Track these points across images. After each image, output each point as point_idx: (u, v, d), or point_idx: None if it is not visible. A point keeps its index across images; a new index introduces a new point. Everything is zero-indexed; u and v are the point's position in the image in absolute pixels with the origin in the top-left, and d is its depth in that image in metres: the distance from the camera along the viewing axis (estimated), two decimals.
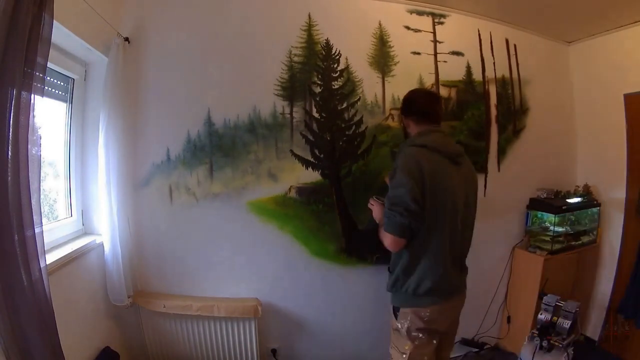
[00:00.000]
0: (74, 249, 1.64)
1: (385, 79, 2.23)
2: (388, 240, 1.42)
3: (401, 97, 2.22)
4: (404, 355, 1.49)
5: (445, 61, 2.33)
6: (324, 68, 2.15)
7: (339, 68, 2.16)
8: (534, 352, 1.96)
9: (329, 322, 2.29)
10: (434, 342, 1.50)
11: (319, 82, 2.15)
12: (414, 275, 1.44)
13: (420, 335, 1.48)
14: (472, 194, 1.58)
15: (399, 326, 1.51)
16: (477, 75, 2.40)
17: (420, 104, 1.60)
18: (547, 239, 2.41)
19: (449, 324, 1.58)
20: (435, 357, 1.54)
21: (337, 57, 2.16)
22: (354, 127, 2.19)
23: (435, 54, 2.31)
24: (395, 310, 1.54)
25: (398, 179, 1.39)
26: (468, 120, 2.38)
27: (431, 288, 1.43)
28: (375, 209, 1.67)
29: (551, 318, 1.98)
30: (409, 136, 1.63)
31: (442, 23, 2.32)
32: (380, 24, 2.21)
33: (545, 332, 1.96)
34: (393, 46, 2.24)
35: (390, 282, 1.54)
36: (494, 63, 2.45)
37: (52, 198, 1.81)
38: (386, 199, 1.45)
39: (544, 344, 1.93)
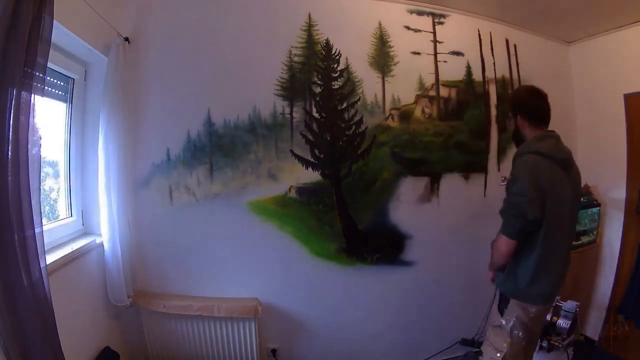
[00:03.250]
0: (74, 249, 1.64)
1: (385, 79, 2.23)
2: (502, 241, 1.47)
3: (401, 97, 2.25)
4: (499, 354, 1.52)
5: (445, 61, 2.33)
6: (324, 68, 2.15)
7: (339, 68, 2.16)
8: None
9: (329, 322, 2.29)
10: (524, 343, 1.54)
11: (319, 82, 2.15)
12: (533, 274, 1.47)
13: (520, 334, 1.51)
14: (577, 201, 1.61)
15: (504, 322, 1.54)
16: (477, 75, 2.40)
17: (535, 102, 1.54)
18: None
19: (540, 326, 1.64)
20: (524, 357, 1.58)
21: (337, 57, 2.16)
22: (354, 127, 2.19)
23: (435, 54, 2.31)
24: (503, 307, 1.57)
25: (520, 187, 1.41)
26: (468, 120, 2.38)
27: (544, 291, 1.50)
28: None
29: (551, 318, 1.98)
30: (521, 138, 1.60)
31: (442, 23, 2.32)
32: (380, 24, 2.21)
33: (545, 332, 1.96)
34: (393, 46, 2.23)
35: (505, 275, 1.56)
36: (494, 63, 2.45)
37: (52, 198, 1.81)
38: (505, 202, 1.48)
39: (544, 344, 1.93)
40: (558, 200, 1.44)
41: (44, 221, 1.47)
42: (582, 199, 2.47)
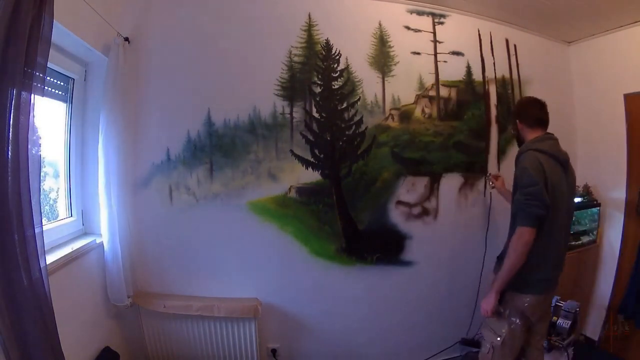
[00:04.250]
0: (74, 249, 1.64)
1: (385, 79, 2.23)
2: (524, 232, 1.50)
3: (401, 97, 2.25)
4: (499, 338, 1.62)
5: (445, 61, 2.33)
6: (324, 68, 2.15)
7: (339, 68, 2.16)
8: None
9: (329, 322, 2.29)
10: (524, 329, 1.65)
11: (319, 82, 2.15)
12: (527, 265, 1.54)
13: (517, 320, 1.62)
14: (573, 200, 1.77)
15: (501, 310, 1.64)
16: (477, 75, 2.40)
17: (534, 110, 1.73)
18: None
19: (540, 315, 1.71)
20: (523, 343, 1.70)
21: (337, 57, 2.16)
22: (354, 127, 2.19)
23: (435, 54, 2.31)
24: (502, 295, 1.65)
25: (530, 177, 1.51)
26: (468, 120, 2.38)
27: (539, 279, 1.59)
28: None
29: (551, 318, 1.98)
30: (521, 139, 1.77)
31: (442, 23, 2.32)
32: (380, 24, 2.21)
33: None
34: (393, 46, 2.23)
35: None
36: (494, 63, 2.45)
37: (52, 198, 1.81)
38: (520, 194, 1.54)
39: (544, 344, 1.93)
40: (557, 194, 1.54)
41: (44, 221, 1.47)
42: (578, 201, 2.49)
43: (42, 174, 1.25)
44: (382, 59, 2.22)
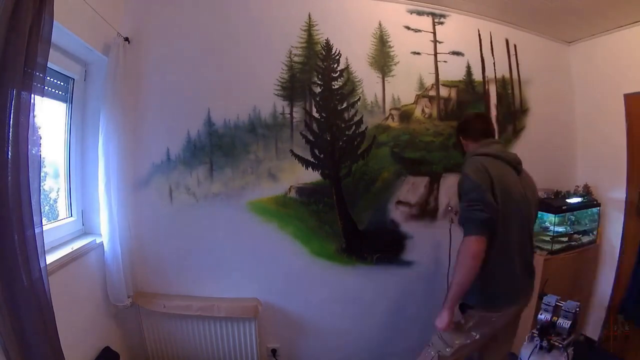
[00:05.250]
0: (74, 249, 1.64)
1: (385, 79, 2.23)
2: (471, 242, 1.35)
3: (401, 97, 2.26)
4: (448, 349, 1.49)
5: (445, 61, 2.32)
6: (324, 68, 2.15)
7: (339, 68, 2.16)
8: (534, 352, 1.96)
9: (329, 322, 2.29)
10: (478, 343, 1.53)
11: (319, 82, 2.15)
12: (491, 279, 1.43)
13: (477, 336, 1.49)
14: (533, 202, 1.59)
15: (462, 322, 1.50)
16: (477, 75, 2.40)
17: (478, 124, 1.67)
18: (547, 239, 2.41)
19: (506, 324, 1.59)
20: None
21: (337, 57, 2.16)
22: (354, 127, 2.19)
23: (435, 54, 2.31)
24: (465, 307, 1.53)
25: (471, 183, 1.40)
26: None
27: (505, 292, 1.48)
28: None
29: (551, 318, 1.98)
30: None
31: (442, 23, 2.32)
32: (380, 24, 2.21)
33: (545, 332, 1.96)
34: (393, 46, 2.23)
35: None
36: (494, 63, 2.45)
37: (52, 198, 1.81)
38: (462, 203, 1.43)
39: (544, 344, 1.93)
40: (511, 196, 1.42)
41: (44, 221, 1.47)
42: (577, 201, 2.48)
43: (42, 174, 1.25)
44: (382, 59, 2.22)
